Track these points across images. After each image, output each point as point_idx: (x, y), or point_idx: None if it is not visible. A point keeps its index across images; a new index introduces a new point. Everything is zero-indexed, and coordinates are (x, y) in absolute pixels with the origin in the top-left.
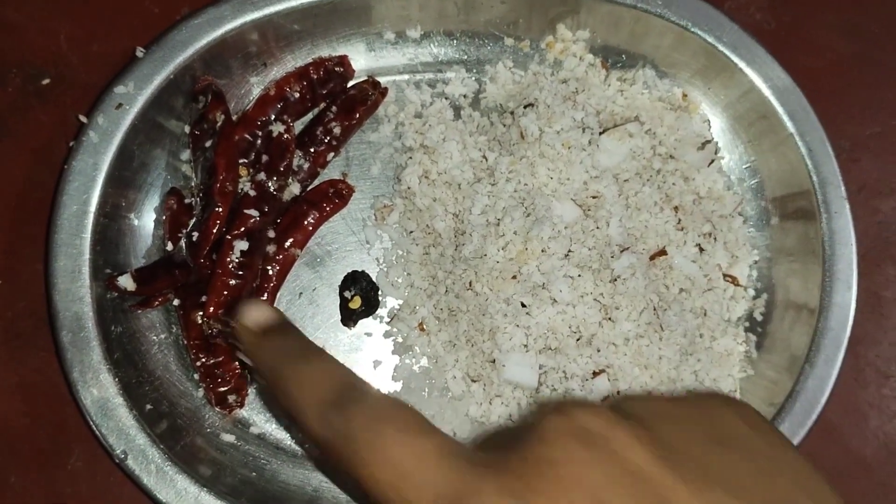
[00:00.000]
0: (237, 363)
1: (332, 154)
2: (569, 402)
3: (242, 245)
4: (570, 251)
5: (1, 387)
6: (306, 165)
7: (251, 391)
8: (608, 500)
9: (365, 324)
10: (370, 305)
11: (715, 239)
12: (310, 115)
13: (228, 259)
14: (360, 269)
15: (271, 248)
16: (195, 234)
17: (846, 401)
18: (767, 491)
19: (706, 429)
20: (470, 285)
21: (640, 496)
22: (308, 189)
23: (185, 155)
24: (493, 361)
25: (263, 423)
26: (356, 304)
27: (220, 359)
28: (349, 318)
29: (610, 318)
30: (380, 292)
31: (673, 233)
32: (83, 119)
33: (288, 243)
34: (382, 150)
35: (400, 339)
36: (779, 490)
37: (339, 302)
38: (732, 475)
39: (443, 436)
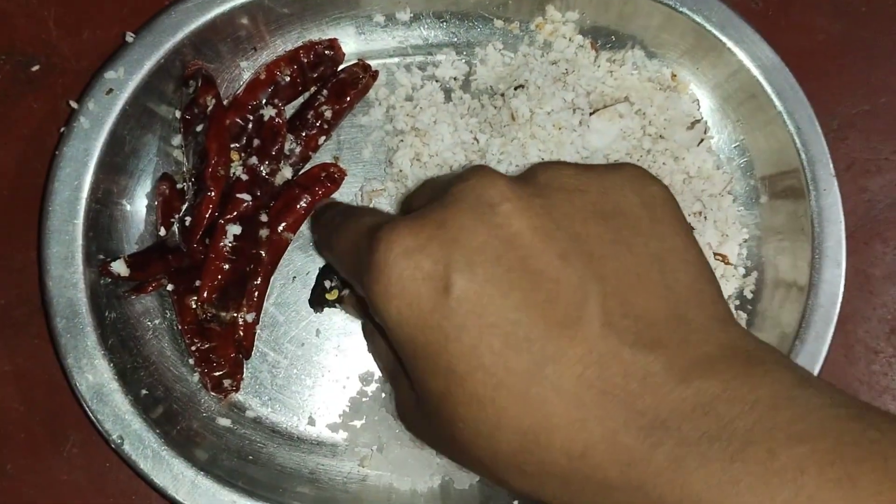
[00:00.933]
0: (232, 347)
1: (323, 138)
2: (480, 167)
3: (235, 229)
4: None
5: None
6: (298, 149)
7: (246, 375)
8: (478, 262)
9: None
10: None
11: (705, 218)
12: (300, 99)
13: (222, 243)
14: None
15: (264, 233)
16: (188, 219)
17: (836, 377)
18: (624, 259)
19: (596, 200)
20: None
21: (507, 261)
22: (300, 173)
23: (177, 140)
24: None
25: (259, 406)
26: (333, 296)
27: (215, 343)
28: (319, 304)
29: None
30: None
31: None
32: (74, 105)
33: (281, 227)
34: (373, 134)
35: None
36: (637, 259)
37: (315, 283)
38: (598, 246)
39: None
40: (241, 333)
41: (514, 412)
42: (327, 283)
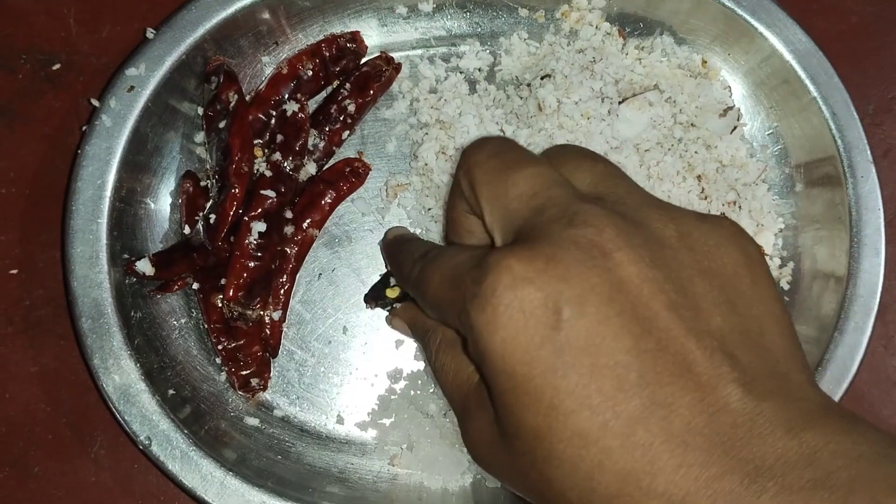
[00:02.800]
0: (259, 346)
1: (347, 132)
2: (586, 209)
3: (260, 226)
4: None
5: (21, 376)
6: (322, 144)
7: (274, 374)
8: (590, 301)
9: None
10: (402, 300)
11: (740, 207)
12: (323, 94)
13: (246, 241)
14: None
15: (289, 229)
16: (212, 217)
17: (876, 369)
18: (728, 318)
19: (702, 259)
20: None
21: (619, 305)
22: (324, 168)
23: (199, 137)
24: None
25: (287, 405)
26: (394, 294)
27: (242, 342)
28: (376, 299)
29: None
30: None
31: (697, 202)
32: (95, 103)
33: (306, 224)
34: (398, 127)
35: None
36: (739, 319)
37: (377, 280)
38: (704, 303)
39: None
40: (268, 332)
41: (619, 455)
42: (392, 279)
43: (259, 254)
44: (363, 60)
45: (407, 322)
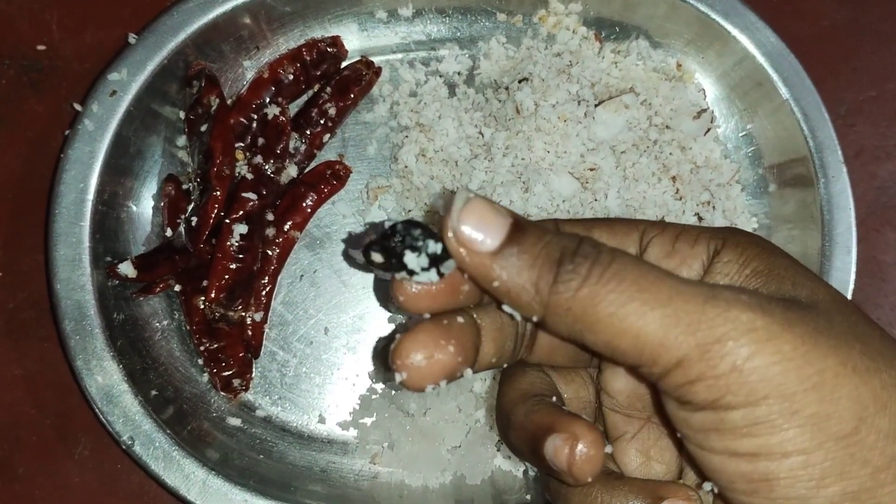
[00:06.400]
0: (241, 347)
1: (327, 135)
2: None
3: (242, 229)
4: None
5: (5, 379)
6: (303, 147)
7: (256, 374)
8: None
9: (367, 304)
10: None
11: (714, 207)
12: (304, 98)
13: (228, 243)
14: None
15: (271, 231)
16: (194, 220)
17: None
18: None
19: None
20: None
21: None
22: (305, 171)
23: (181, 141)
24: None
25: (269, 405)
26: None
27: (224, 343)
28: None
29: None
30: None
31: (671, 202)
32: (78, 107)
33: (287, 226)
34: (378, 130)
35: (404, 319)
36: None
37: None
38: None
39: None
40: (250, 333)
41: None
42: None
43: (241, 256)
44: (343, 64)
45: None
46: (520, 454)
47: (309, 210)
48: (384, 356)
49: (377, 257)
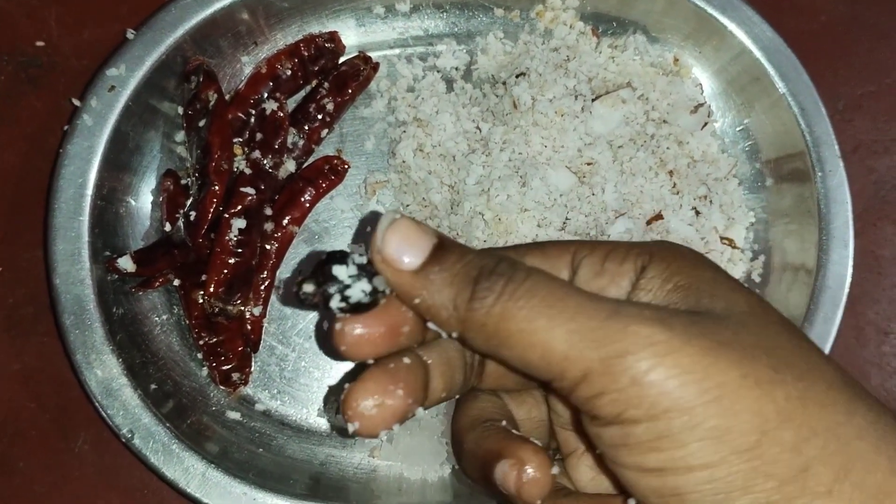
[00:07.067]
0: (240, 341)
1: (325, 130)
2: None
3: (240, 223)
4: (567, 219)
5: (5, 374)
6: (301, 142)
7: (255, 368)
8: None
9: None
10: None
11: (711, 202)
12: (302, 93)
13: (227, 237)
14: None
15: (269, 226)
16: (192, 214)
17: (847, 359)
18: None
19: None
20: None
21: None
22: (303, 166)
23: (180, 136)
24: None
25: (268, 399)
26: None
27: (223, 337)
28: (319, 284)
29: None
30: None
31: (669, 197)
32: (77, 103)
33: (286, 220)
34: (376, 125)
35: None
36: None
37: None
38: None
39: None
40: (249, 327)
41: None
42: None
43: (239, 250)
44: (341, 60)
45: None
46: (474, 480)
47: (307, 205)
48: (333, 402)
49: (308, 287)
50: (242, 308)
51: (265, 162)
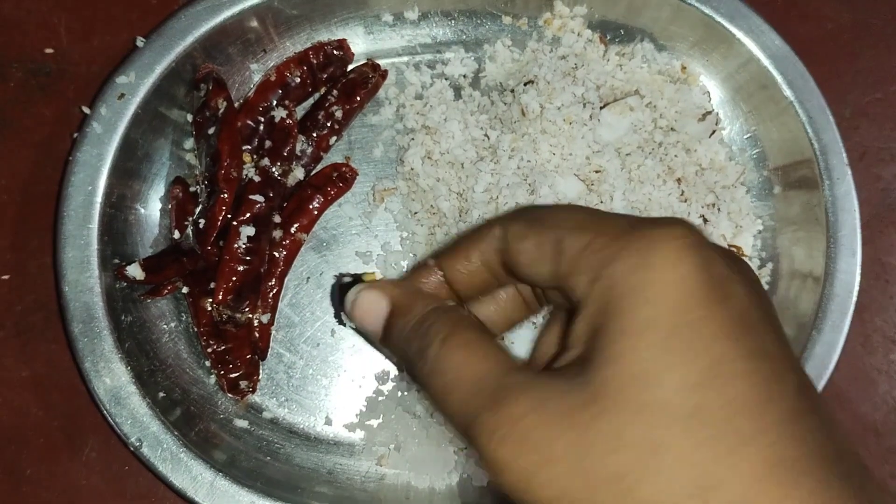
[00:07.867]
0: (248, 349)
1: (334, 138)
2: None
3: (249, 231)
4: None
5: (13, 381)
6: (309, 150)
7: (262, 376)
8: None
9: None
10: None
11: (718, 209)
12: (311, 100)
13: (236, 245)
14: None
15: (277, 234)
16: (201, 222)
17: (854, 367)
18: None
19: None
20: None
21: None
22: (312, 174)
23: (189, 143)
24: (503, 340)
25: (276, 407)
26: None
27: (231, 345)
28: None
29: None
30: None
31: (677, 204)
32: (86, 110)
33: (294, 228)
34: (384, 133)
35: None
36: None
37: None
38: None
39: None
40: (257, 335)
41: None
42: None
43: (248, 258)
44: (350, 67)
45: (394, 300)
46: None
47: (315, 212)
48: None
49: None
50: (251, 316)
51: (274, 169)
